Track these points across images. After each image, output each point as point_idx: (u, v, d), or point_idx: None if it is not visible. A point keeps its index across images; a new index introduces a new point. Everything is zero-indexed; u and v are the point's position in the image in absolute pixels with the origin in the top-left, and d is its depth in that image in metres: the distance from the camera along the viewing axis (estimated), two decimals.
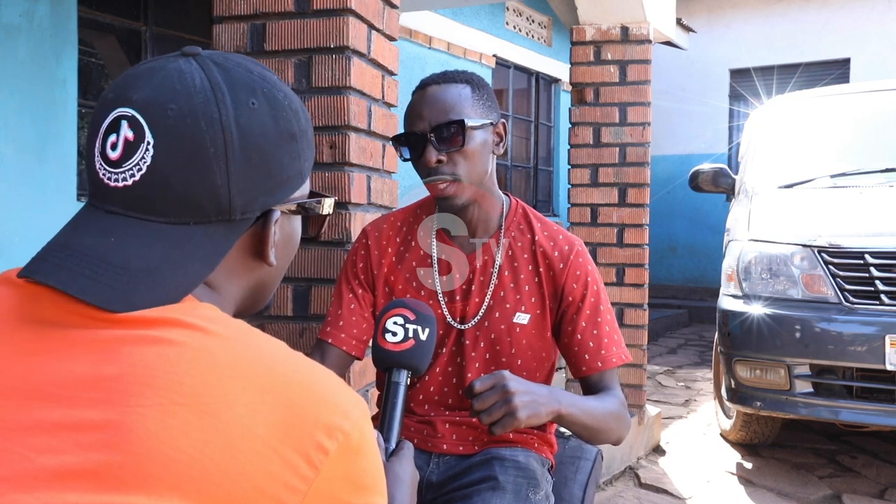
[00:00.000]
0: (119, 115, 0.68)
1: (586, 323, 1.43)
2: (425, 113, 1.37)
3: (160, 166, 0.67)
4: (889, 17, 8.43)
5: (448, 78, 1.40)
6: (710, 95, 9.01)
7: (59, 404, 0.59)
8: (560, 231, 1.50)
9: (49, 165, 3.63)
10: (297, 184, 0.76)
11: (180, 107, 0.67)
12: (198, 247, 0.69)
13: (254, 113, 0.70)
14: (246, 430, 0.59)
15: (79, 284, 0.63)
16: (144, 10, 4.24)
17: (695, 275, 9.30)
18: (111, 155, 0.68)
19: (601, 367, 1.42)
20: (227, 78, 0.70)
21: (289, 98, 0.74)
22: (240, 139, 0.68)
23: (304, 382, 0.63)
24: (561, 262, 1.45)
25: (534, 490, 1.38)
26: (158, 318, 0.64)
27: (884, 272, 3.16)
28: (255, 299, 0.80)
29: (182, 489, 0.56)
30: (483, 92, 1.42)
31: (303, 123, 0.75)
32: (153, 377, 0.59)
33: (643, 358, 3.58)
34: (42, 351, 0.62)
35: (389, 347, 1.08)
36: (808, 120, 4.34)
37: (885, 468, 3.55)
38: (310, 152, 0.77)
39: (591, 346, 1.42)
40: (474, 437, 1.48)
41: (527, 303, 1.45)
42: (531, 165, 8.15)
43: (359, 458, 0.63)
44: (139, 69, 0.71)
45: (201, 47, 0.73)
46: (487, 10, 6.81)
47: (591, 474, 1.58)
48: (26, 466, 0.56)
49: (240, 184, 0.69)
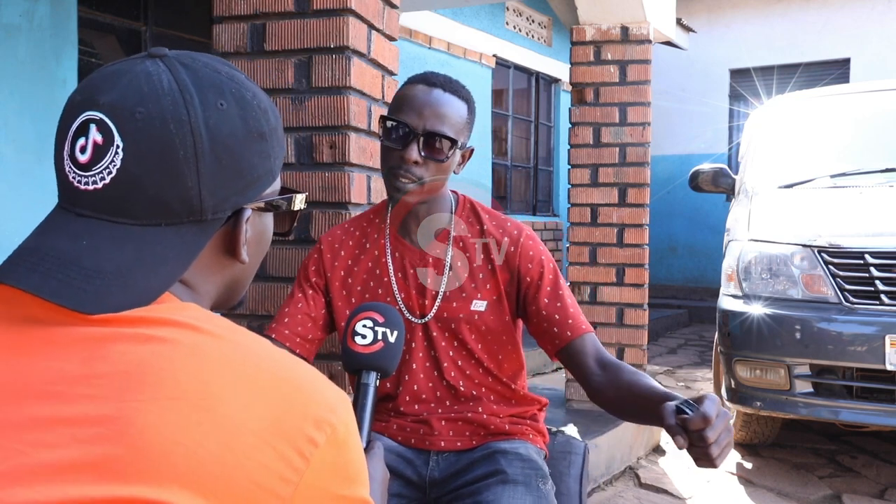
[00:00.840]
0: (87, 118, 0.68)
1: (549, 299, 1.47)
2: (425, 112, 1.39)
3: (130, 169, 0.67)
4: (889, 17, 8.43)
5: (454, 88, 1.43)
6: (710, 95, 9.01)
7: (52, 401, 0.59)
8: (507, 219, 1.55)
9: (49, 165, 3.62)
10: (268, 182, 0.77)
11: (149, 110, 0.67)
12: (169, 248, 0.69)
13: (223, 114, 0.70)
14: (240, 425, 0.60)
15: (51, 287, 0.63)
16: (144, 10, 4.24)
17: (695, 275, 9.30)
18: (80, 158, 0.68)
19: (571, 336, 1.45)
20: (194, 79, 0.70)
21: (257, 97, 0.74)
22: (209, 141, 0.69)
23: (292, 379, 0.65)
24: (512, 245, 1.49)
25: (543, 480, 1.42)
26: (147, 317, 0.64)
27: (884, 272, 3.16)
28: (228, 296, 0.81)
29: (182, 480, 0.57)
30: (472, 116, 1.47)
31: (272, 122, 0.75)
32: (147, 374, 0.60)
33: (643, 358, 3.58)
34: (28, 349, 0.63)
35: (359, 350, 1.10)
36: (808, 120, 4.34)
37: (885, 468, 3.55)
38: (280, 150, 0.78)
39: (557, 319, 1.46)
40: (471, 432, 1.50)
41: (482, 290, 1.48)
42: (531, 165, 8.15)
43: (345, 450, 0.65)
44: (106, 71, 0.71)
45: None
46: (487, 10, 6.81)
47: (583, 468, 1.62)
48: (24, 461, 0.57)
49: (210, 185, 0.69)
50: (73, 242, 0.67)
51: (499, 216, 1.55)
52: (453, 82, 1.45)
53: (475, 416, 1.50)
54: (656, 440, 3.81)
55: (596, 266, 3.54)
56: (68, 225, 0.68)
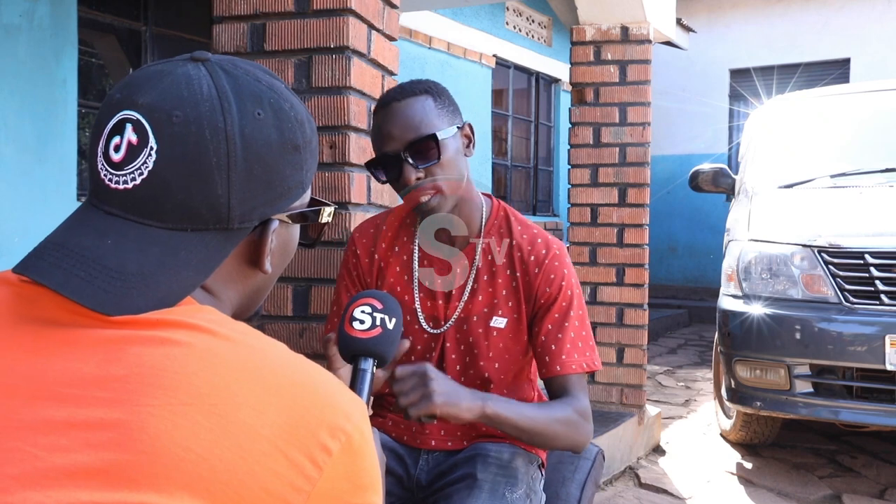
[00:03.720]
0: (124, 117, 0.68)
1: (552, 326, 1.43)
2: (395, 132, 1.36)
3: (162, 172, 0.67)
4: (889, 17, 8.43)
5: (407, 92, 1.39)
6: (710, 95, 9.01)
7: (67, 403, 0.59)
8: (540, 234, 1.50)
9: (49, 165, 3.63)
10: (298, 194, 0.76)
11: (186, 114, 0.67)
12: (193, 254, 0.69)
13: (259, 123, 0.70)
14: (253, 431, 0.59)
15: (73, 286, 0.63)
16: (144, 10, 4.25)
17: (695, 275, 9.30)
18: (114, 157, 0.68)
19: (559, 372, 1.41)
20: (234, 86, 0.69)
21: (295, 109, 0.74)
22: (243, 150, 0.68)
23: (307, 384, 0.64)
24: (536, 265, 1.45)
25: (511, 488, 1.38)
26: (163, 320, 0.64)
27: (884, 272, 3.16)
28: (249, 304, 0.80)
29: (192, 487, 0.57)
30: (444, 98, 1.42)
31: (307, 134, 0.75)
32: (161, 377, 0.60)
33: (643, 358, 3.58)
34: (45, 350, 0.63)
35: (356, 334, 1.09)
36: (808, 120, 4.34)
37: (885, 468, 3.55)
38: (313, 162, 0.77)
39: (552, 350, 1.42)
40: (462, 433, 1.49)
41: (503, 306, 1.46)
42: (531, 165, 8.15)
43: (359, 458, 0.64)
44: (147, 71, 0.71)
45: (205, 48, 0.73)
46: (487, 10, 6.81)
47: (591, 474, 1.59)
48: (37, 465, 0.57)
49: (240, 194, 0.69)
50: (99, 240, 0.67)
51: (532, 229, 1.51)
52: (404, 86, 1.42)
53: None
54: (656, 440, 3.81)
55: (596, 266, 3.54)
56: (96, 222, 0.68)
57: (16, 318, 0.66)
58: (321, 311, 1.74)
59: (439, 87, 1.44)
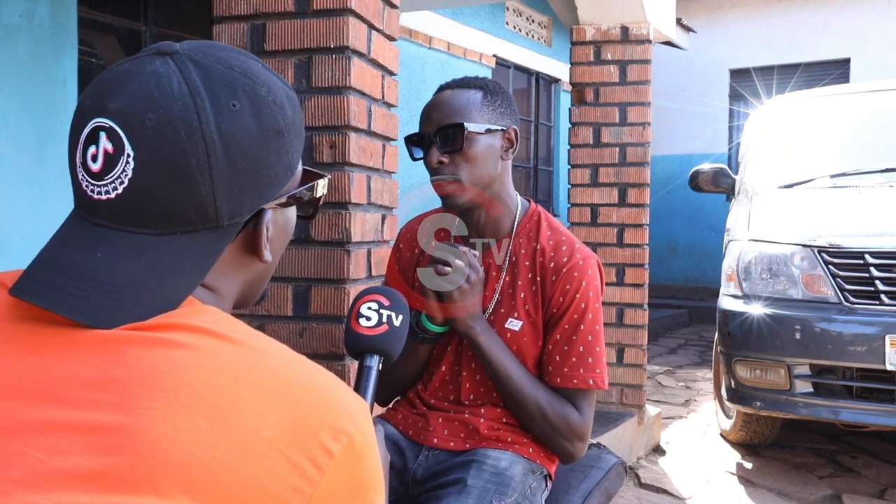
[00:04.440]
0: (97, 125, 0.66)
1: (560, 336, 1.43)
2: (433, 115, 1.44)
3: (143, 179, 0.65)
4: (889, 16, 8.42)
5: (463, 83, 1.46)
6: (710, 95, 9.01)
7: (67, 406, 0.59)
8: (568, 242, 1.48)
9: (49, 165, 3.63)
10: (287, 177, 0.74)
11: (159, 117, 0.65)
12: (187, 256, 0.68)
13: (235, 116, 0.67)
14: (254, 434, 0.59)
15: (68, 304, 0.63)
16: (144, 10, 4.24)
17: (695, 275, 9.30)
18: (92, 167, 0.66)
19: (559, 384, 1.42)
20: (206, 80, 0.67)
21: (273, 92, 0.71)
22: (222, 146, 0.66)
23: (309, 386, 0.63)
24: (554, 272, 1.45)
25: (499, 497, 1.35)
26: (165, 322, 0.64)
27: (884, 272, 3.16)
28: (252, 293, 0.80)
29: (192, 491, 0.56)
30: (496, 98, 1.46)
31: (289, 116, 0.72)
32: (161, 380, 0.59)
33: (643, 358, 3.58)
34: (46, 351, 0.62)
35: (363, 331, 1.08)
36: (808, 120, 4.34)
37: (885, 468, 3.55)
38: (299, 142, 0.75)
39: (556, 361, 1.42)
40: (466, 434, 1.48)
41: (520, 309, 1.46)
42: (531, 165, 8.15)
43: (361, 460, 0.63)
44: (115, 72, 0.69)
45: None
46: (487, 10, 6.81)
47: (600, 484, 1.54)
48: (38, 468, 0.56)
49: (225, 191, 0.67)
50: (89, 254, 0.66)
51: (560, 234, 1.50)
52: (466, 78, 1.49)
53: (473, 419, 1.48)
54: (656, 440, 3.81)
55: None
56: (84, 235, 0.67)
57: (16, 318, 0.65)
58: (321, 311, 1.74)
59: (497, 88, 1.49)
